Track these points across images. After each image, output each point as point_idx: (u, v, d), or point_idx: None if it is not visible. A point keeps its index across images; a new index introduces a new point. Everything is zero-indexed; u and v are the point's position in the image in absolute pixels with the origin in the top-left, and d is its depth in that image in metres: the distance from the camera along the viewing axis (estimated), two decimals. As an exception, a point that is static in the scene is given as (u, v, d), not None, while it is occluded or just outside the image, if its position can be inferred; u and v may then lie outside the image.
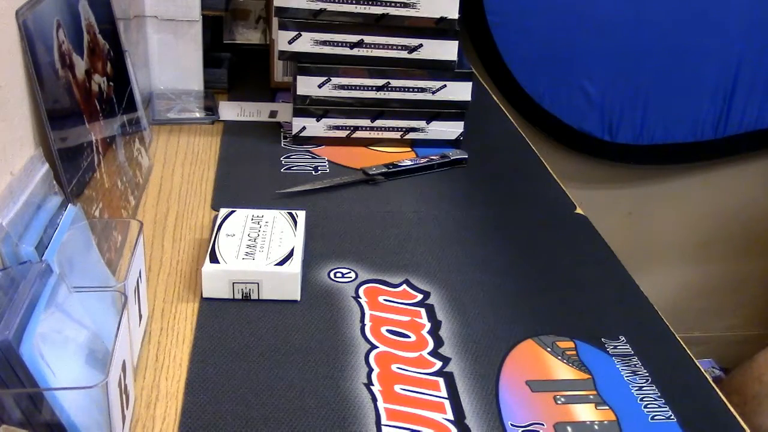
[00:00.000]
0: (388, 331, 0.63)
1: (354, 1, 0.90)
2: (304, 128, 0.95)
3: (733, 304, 1.83)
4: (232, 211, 0.72)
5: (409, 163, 0.91)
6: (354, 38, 0.91)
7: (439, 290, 0.69)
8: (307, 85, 0.93)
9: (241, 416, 0.53)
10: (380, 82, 0.94)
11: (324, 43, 0.91)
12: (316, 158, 0.93)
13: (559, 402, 0.57)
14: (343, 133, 0.96)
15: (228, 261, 0.64)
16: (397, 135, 0.97)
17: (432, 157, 0.92)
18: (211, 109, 1.03)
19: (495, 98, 1.24)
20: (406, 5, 0.90)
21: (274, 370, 0.58)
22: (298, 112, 0.94)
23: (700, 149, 1.55)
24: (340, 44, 0.92)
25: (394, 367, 0.59)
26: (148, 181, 0.84)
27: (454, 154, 0.93)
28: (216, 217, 0.71)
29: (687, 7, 1.37)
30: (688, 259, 1.75)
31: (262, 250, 0.66)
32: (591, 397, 0.57)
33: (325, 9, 0.90)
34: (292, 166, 0.90)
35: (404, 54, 0.93)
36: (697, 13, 1.38)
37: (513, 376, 0.59)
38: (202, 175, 0.87)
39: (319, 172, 0.89)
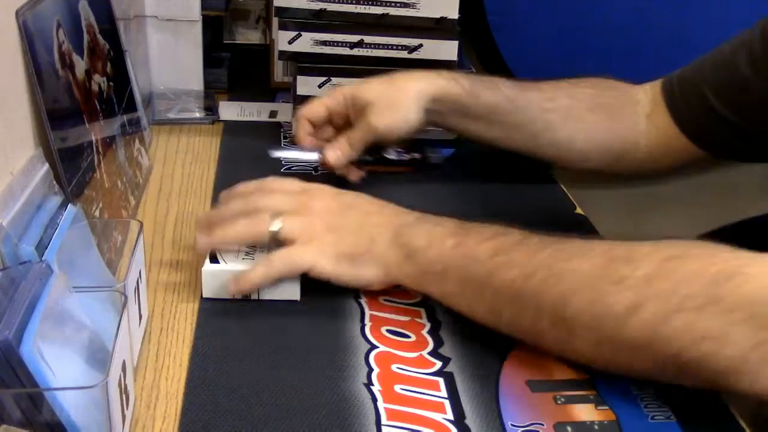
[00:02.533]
0: (388, 331, 0.63)
1: (354, 1, 0.90)
2: (304, 128, 0.95)
3: (733, 304, 1.82)
4: None
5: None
6: (354, 38, 0.91)
7: (439, 290, 0.69)
8: (307, 85, 0.93)
9: (242, 416, 0.53)
10: (380, 82, 0.93)
11: (324, 43, 0.91)
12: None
13: (559, 402, 0.56)
14: (343, 133, 0.96)
15: (228, 261, 0.64)
16: (397, 135, 0.97)
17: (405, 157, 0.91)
18: (211, 109, 1.03)
19: (495, 98, 1.23)
20: (406, 5, 0.90)
21: (274, 370, 0.57)
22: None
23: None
24: (340, 44, 0.92)
25: (394, 367, 0.59)
26: (148, 181, 0.84)
27: (434, 156, 0.92)
28: None
29: (689, 8, 1.37)
30: None
31: (263, 250, 0.66)
32: (591, 397, 0.57)
33: (325, 9, 0.90)
34: (292, 166, 0.90)
35: (404, 54, 0.93)
36: (699, 13, 1.38)
37: (513, 376, 0.59)
38: (202, 175, 0.87)
39: (320, 172, 0.89)
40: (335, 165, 0.79)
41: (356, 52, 0.92)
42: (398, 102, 0.77)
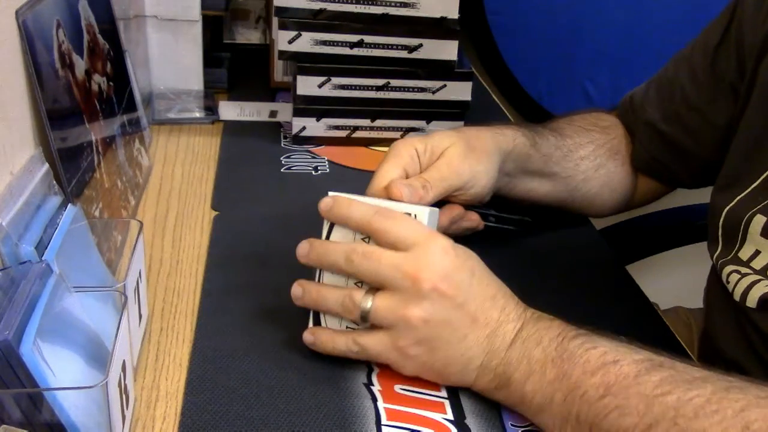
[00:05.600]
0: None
1: (354, 1, 0.90)
2: (304, 128, 0.95)
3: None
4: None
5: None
6: (354, 38, 0.91)
7: (439, 290, 0.68)
8: (307, 85, 0.93)
9: (241, 416, 0.53)
10: (380, 82, 0.94)
11: (324, 43, 0.91)
12: (316, 158, 0.93)
13: (559, 402, 0.56)
14: (343, 133, 0.96)
15: (330, 324, 0.59)
16: (397, 135, 0.97)
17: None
18: (211, 109, 1.03)
19: (495, 98, 1.24)
20: (406, 5, 0.90)
21: (274, 370, 0.57)
22: (298, 112, 0.94)
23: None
24: (340, 44, 0.92)
25: (394, 367, 0.59)
26: (148, 181, 0.84)
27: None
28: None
29: (690, 7, 1.37)
30: (689, 259, 1.75)
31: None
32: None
33: (325, 9, 0.90)
34: (292, 166, 0.90)
35: (404, 54, 0.93)
36: (700, 12, 1.38)
37: (513, 376, 0.59)
38: (202, 175, 0.87)
39: (319, 172, 0.89)
40: (403, 200, 0.61)
41: (356, 52, 0.92)
42: (478, 153, 0.67)
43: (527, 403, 0.53)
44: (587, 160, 0.78)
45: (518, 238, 0.79)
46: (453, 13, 0.92)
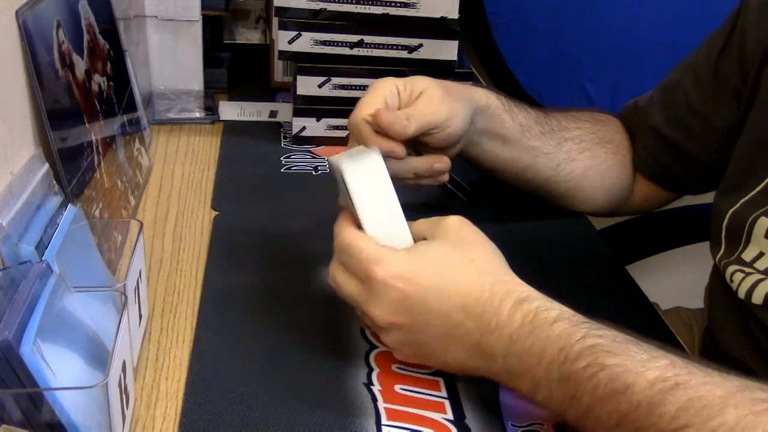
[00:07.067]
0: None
1: (354, 1, 0.90)
2: (304, 128, 0.95)
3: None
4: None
5: None
6: (354, 38, 0.91)
7: (439, 290, 0.68)
8: (307, 85, 0.93)
9: (241, 416, 0.53)
10: (380, 82, 0.93)
11: (324, 43, 0.91)
12: (316, 158, 0.93)
13: (559, 402, 0.56)
14: (343, 133, 0.96)
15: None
16: (397, 135, 0.97)
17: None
18: (211, 109, 1.03)
19: (495, 98, 1.23)
20: (406, 5, 0.90)
21: (274, 370, 0.57)
22: (298, 112, 0.94)
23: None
24: (340, 44, 0.92)
25: (394, 367, 0.59)
26: (148, 181, 0.84)
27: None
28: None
29: (691, 8, 1.37)
30: (690, 259, 1.75)
31: None
32: (591, 397, 0.57)
33: (325, 9, 0.90)
34: (292, 166, 0.90)
35: (404, 54, 0.93)
36: (701, 13, 1.38)
37: (513, 376, 0.59)
38: (202, 175, 0.87)
39: (320, 172, 0.89)
40: (387, 128, 0.63)
41: (356, 52, 0.92)
42: (454, 97, 0.69)
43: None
44: (571, 142, 0.78)
45: (517, 238, 0.79)
46: (453, 13, 0.92)
